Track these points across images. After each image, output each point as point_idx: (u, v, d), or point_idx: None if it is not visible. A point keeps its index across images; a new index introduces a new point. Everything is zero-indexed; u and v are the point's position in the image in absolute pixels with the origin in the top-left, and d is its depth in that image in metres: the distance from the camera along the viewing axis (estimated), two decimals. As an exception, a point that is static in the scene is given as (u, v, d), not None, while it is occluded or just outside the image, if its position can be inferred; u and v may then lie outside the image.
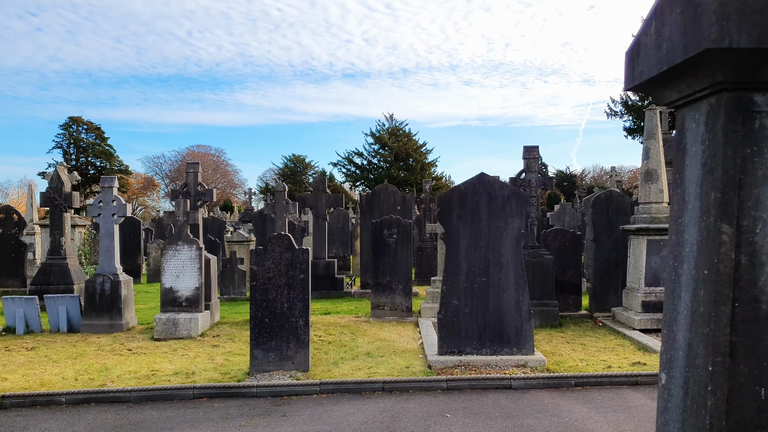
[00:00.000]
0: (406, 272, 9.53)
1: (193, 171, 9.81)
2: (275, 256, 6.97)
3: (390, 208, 12.02)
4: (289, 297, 6.95)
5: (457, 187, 6.85)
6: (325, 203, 12.25)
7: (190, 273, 9.22)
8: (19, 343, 8.66)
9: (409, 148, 47.12)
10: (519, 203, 6.76)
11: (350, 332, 8.75)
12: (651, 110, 8.80)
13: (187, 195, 9.80)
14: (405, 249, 9.48)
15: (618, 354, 7.27)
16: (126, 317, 9.64)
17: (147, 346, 8.41)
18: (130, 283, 9.92)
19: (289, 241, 6.96)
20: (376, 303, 9.66)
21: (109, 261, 9.68)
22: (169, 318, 8.97)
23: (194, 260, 9.22)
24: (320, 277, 12.36)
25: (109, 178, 9.77)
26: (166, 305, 9.25)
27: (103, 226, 9.73)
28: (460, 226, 6.76)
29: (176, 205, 9.25)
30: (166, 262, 9.23)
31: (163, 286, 9.25)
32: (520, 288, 6.75)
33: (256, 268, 7.00)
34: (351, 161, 49.12)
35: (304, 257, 6.94)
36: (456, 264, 6.75)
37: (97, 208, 9.70)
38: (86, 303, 9.56)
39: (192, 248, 9.21)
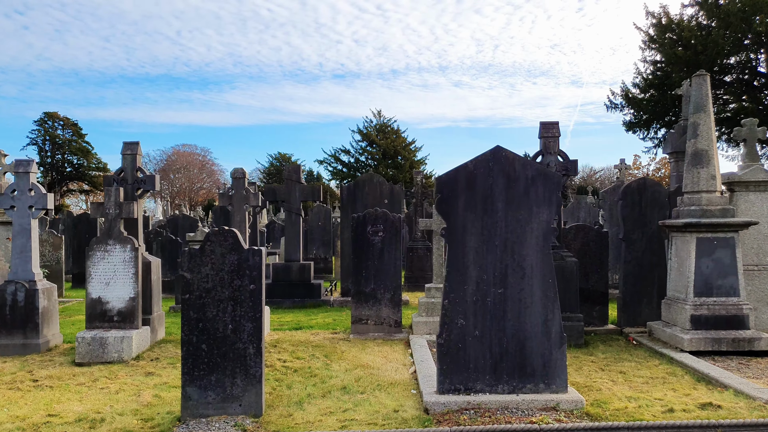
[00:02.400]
0: (395, 278, 7.72)
1: (131, 153, 7.91)
2: (215, 259, 5.12)
3: (376, 201, 10.22)
4: (234, 315, 5.11)
5: (463, 165, 5.04)
6: (300, 196, 10.40)
7: (124, 280, 7.34)
8: None
9: (397, 145, 45.33)
10: (548, 188, 4.97)
11: (324, 355, 6.90)
12: (700, 76, 7.05)
13: (123, 182, 7.91)
14: (393, 249, 7.66)
15: (675, 388, 5.49)
16: (45, 335, 7.73)
17: (62, 374, 6.53)
18: (53, 292, 8.00)
19: (235, 238, 5.11)
20: (358, 316, 7.83)
21: (24, 264, 7.76)
22: (95, 337, 7.08)
23: (129, 263, 7.33)
24: (293, 283, 10.51)
25: (25, 162, 7.85)
26: (92, 320, 7.36)
27: (18, 220, 7.80)
28: (468, 218, 4.96)
29: (106, 194, 7.36)
30: (93, 265, 7.33)
31: (89, 296, 7.35)
32: (549, 302, 4.96)
33: (189, 276, 5.14)
34: (338, 159, 47.25)
35: (256, 261, 5.10)
36: (462, 270, 4.94)
37: (9, 198, 7.78)
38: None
39: (126, 249, 7.33)
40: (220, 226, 5.22)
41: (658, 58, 25.19)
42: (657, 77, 25.20)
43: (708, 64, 22.03)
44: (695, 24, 23.40)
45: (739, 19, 21.15)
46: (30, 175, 7.80)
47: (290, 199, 10.31)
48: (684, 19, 23.85)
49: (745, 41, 22.50)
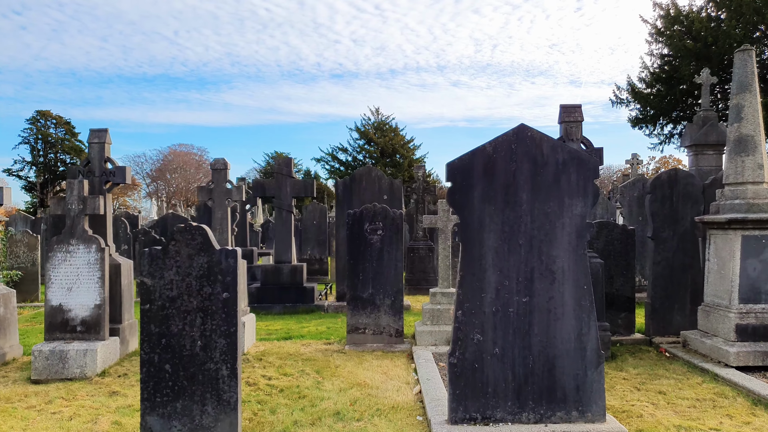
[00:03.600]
0: (395, 281, 6.84)
1: (99, 141, 7.02)
2: (181, 262, 4.25)
3: (375, 197, 9.34)
4: (204, 329, 4.23)
5: (480, 148, 4.16)
6: (291, 191, 9.52)
7: (88, 284, 6.46)
8: None
9: (396, 143, 44.45)
10: (582, 174, 4.11)
11: (315, 370, 6.02)
12: (745, 51, 6.19)
13: (90, 174, 7.03)
14: (394, 250, 6.79)
15: (730, 414, 4.63)
16: (1, 346, 6.85)
17: (12, 394, 5.65)
18: (11, 298, 7.12)
19: (204, 236, 4.24)
20: (354, 324, 6.95)
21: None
22: (54, 350, 6.20)
23: (94, 266, 6.45)
24: (284, 287, 9.61)
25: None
26: (52, 331, 6.48)
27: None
28: (486, 212, 4.09)
29: (68, 188, 6.48)
30: (53, 268, 6.45)
31: (48, 304, 6.47)
32: (583, 313, 4.09)
33: (149, 282, 4.27)
34: (335, 157, 46.35)
35: (230, 264, 4.23)
36: (479, 275, 4.07)
37: (-39, 193, 6.88)
38: (-56, 327, 6.76)
39: (90, 249, 6.44)
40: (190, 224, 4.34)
41: (666, 51, 24.32)
42: (664, 71, 24.33)
43: (718, 57, 21.20)
44: (705, 15, 22.55)
45: (752, 10, 20.31)
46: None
47: (280, 194, 9.42)
48: (693, 10, 23.00)
49: (756, 33, 21.67)
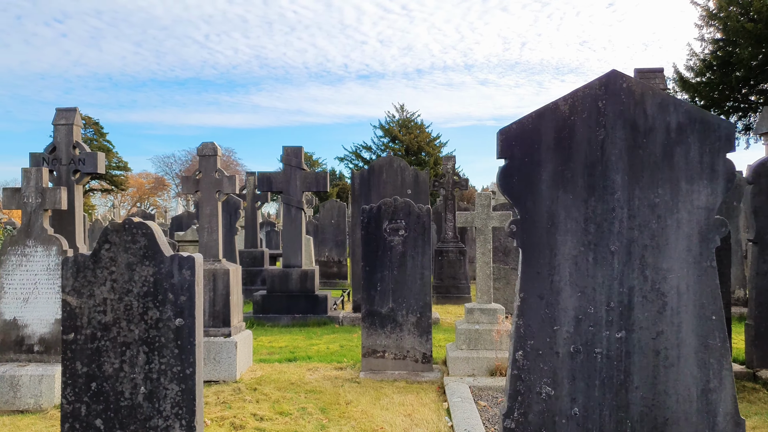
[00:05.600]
0: (421, 294, 5.50)
1: (66, 123, 5.83)
2: (118, 273, 3.00)
3: (397, 191, 7.99)
4: (149, 370, 2.98)
5: (551, 106, 2.81)
6: (301, 185, 8.25)
7: (48, 294, 5.29)
8: None
9: (421, 140, 42.90)
10: (708, 146, 2.74)
11: (320, 408, 4.72)
12: None
13: (56, 162, 5.85)
14: (419, 254, 5.45)
15: None
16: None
17: (-57, 432, 4.50)
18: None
19: (150, 238, 2.98)
20: (371, 346, 5.63)
21: (-75, 273, 5.76)
22: (4, 375, 5.04)
23: (55, 272, 5.28)
24: (292, 295, 8.34)
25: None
26: (4, 350, 5.32)
27: None
28: (560, 202, 2.73)
29: (24, 178, 5.31)
30: (6, 275, 5.29)
31: (1, 317, 5.31)
32: (712, 356, 2.73)
33: (73, 303, 3.03)
34: (359, 156, 45.02)
35: (185, 278, 2.97)
36: (549, 297, 2.72)
37: None
38: None
39: (50, 252, 5.27)
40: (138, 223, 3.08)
41: (719, 35, 22.40)
42: (717, 57, 22.40)
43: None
44: (766, -6, 20.59)
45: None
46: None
47: (288, 188, 8.15)
48: (752, -11, 21.04)
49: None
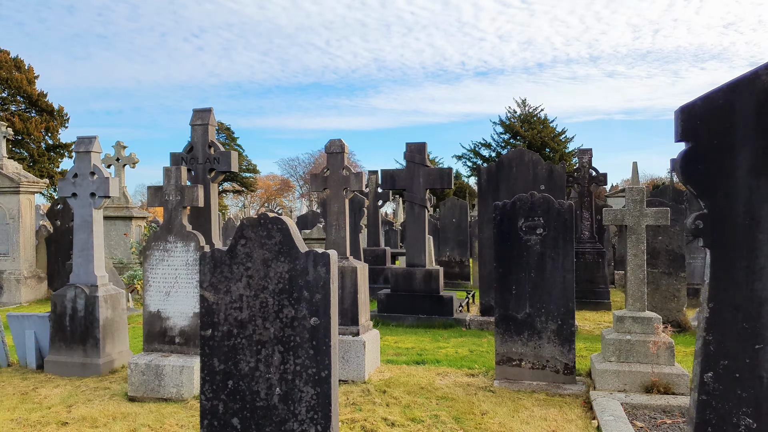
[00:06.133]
0: (563, 299, 5.03)
1: (202, 123, 6.07)
2: (254, 270, 2.92)
3: (528, 187, 7.48)
4: (284, 371, 2.88)
5: (748, 77, 2.32)
6: (425, 182, 8.03)
7: (187, 289, 5.50)
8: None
9: (545, 136, 41.19)
10: None
11: (454, 417, 4.45)
12: None
13: (193, 161, 6.10)
14: (560, 255, 4.99)
15: None
16: (109, 353, 6.18)
17: (101, 414, 4.81)
18: (120, 299, 6.44)
19: (285, 233, 2.87)
20: (506, 353, 5.26)
21: (85, 265, 6.27)
22: (150, 364, 5.30)
23: (193, 267, 5.48)
24: (416, 295, 8.14)
25: (86, 139, 6.35)
26: (150, 340, 5.61)
27: (78, 211, 6.33)
28: (762, 192, 2.23)
29: (165, 176, 5.57)
30: (150, 269, 5.58)
31: (146, 309, 5.61)
32: None
33: (211, 299, 3.00)
34: (477, 153, 44.19)
35: (320, 275, 2.82)
36: (750, 308, 2.23)
37: (69, 184, 6.33)
38: (53, 327, 6.23)
39: (189, 247, 5.48)
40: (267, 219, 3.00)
41: None
42: None
43: None
44: None
45: None
46: (91, 155, 6.28)
47: (412, 186, 7.98)
48: None
49: None
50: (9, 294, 11.09)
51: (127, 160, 12.79)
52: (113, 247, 12.50)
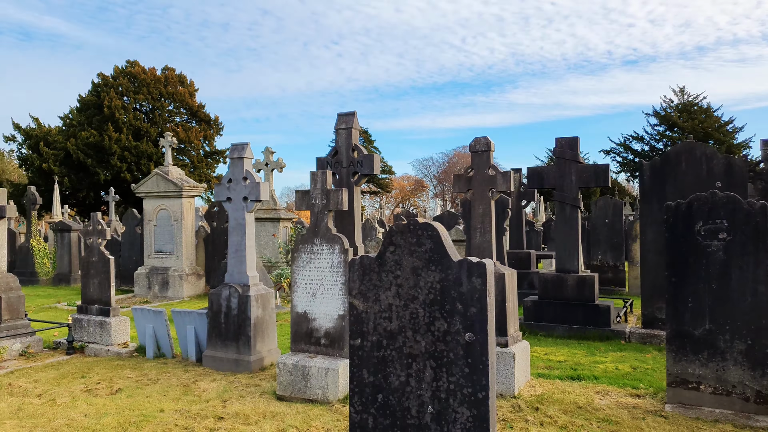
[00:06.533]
0: (753, 314, 4.26)
1: (346, 127, 6.07)
2: (403, 278, 2.73)
3: (700, 184, 6.55)
4: (437, 388, 2.66)
5: None
6: (577, 181, 7.40)
7: (332, 291, 5.51)
8: (122, 375, 6.06)
9: (707, 126, 37.12)
10: None
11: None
12: None
13: (338, 165, 6.13)
14: (750, 264, 4.24)
15: None
16: (259, 350, 6.42)
17: (252, 412, 4.97)
18: (269, 299, 6.68)
19: (436, 240, 2.64)
20: (680, 374, 4.60)
21: (238, 265, 6.58)
22: (297, 364, 5.39)
23: (337, 270, 5.48)
24: (568, 303, 7.53)
25: (239, 146, 6.66)
26: (297, 341, 5.71)
27: (232, 214, 6.66)
28: None
29: (312, 180, 5.63)
30: (298, 270, 5.68)
31: (294, 310, 5.72)
32: None
33: (361, 307, 2.85)
34: (628, 147, 41.02)
35: (475, 286, 2.56)
36: None
37: (224, 189, 6.68)
38: (210, 324, 6.62)
39: (334, 250, 5.49)
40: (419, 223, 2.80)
41: None
42: None
43: None
44: None
45: None
46: (244, 161, 6.57)
47: (562, 184, 7.38)
48: None
49: None
50: (173, 289, 12.16)
51: (275, 164, 13.46)
52: (262, 247, 13.22)
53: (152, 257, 12.63)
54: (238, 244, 6.61)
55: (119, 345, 7.31)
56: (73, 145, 32.02)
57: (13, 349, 6.97)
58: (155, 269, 12.46)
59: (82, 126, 33.23)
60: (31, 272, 15.15)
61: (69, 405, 5.19)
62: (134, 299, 12.11)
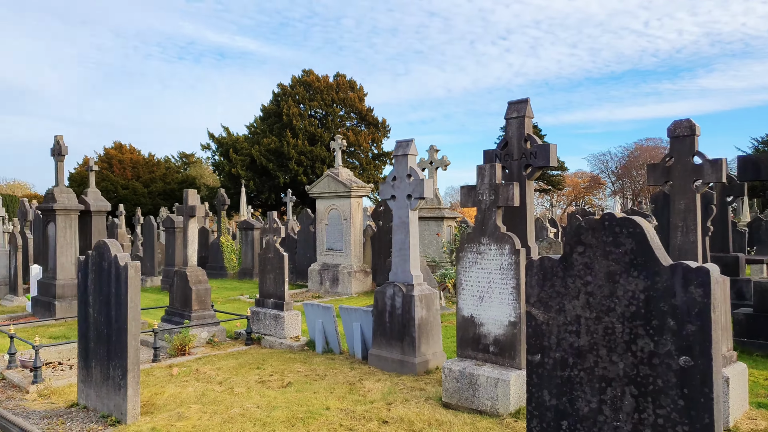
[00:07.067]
0: None
1: (518, 116, 5.59)
2: (594, 285, 2.26)
3: None
4: (638, 420, 2.15)
5: None
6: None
7: (501, 295, 5.09)
8: (293, 368, 6.26)
9: None
10: None
11: None
12: None
13: (507, 157, 5.67)
14: None
15: None
16: (423, 353, 6.21)
17: (418, 418, 4.76)
18: (434, 299, 6.44)
19: (639, 238, 2.13)
20: None
21: (402, 264, 6.44)
22: (464, 371, 5.06)
23: (507, 272, 5.04)
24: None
25: (404, 143, 6.52)
26: (463, 346, 5.38)
27: (396, 212, 6.54)
28: None
29: (478, 175, 5.26)
30: (463, 272, 5.34)
31: (459, 313, 5.40)
32: None
33: (540, 317, 2.43)
34: None
35: (692, 297, 2.00)
36: None
37: (389, 187, 6.59)
38: (375, 322, 6.57)
39: (504, 250, 5.06)
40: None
41: None
42: None
43: None
44: None
45: None
46: (408, 158, 6.41)
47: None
48: None
49: None
50: (342, 285, 12.54)
51: (440, 162, 13.27)
52: (426, 246, 13.11)
53: (324, 254, 13.18)
54: (402, 243, 6.46)
55: (291, 338, 7.59)
56: (257, 151, 35.14)
57: (201, 337, 7.56)
58: (326, 266, 12.98)
59: (264, 133, 36.34)
60: (221, 266, 16.73)
61: (244, 395, 5.41)
62: (307, 294, 12.72)
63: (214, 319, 7.96)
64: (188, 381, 5.89)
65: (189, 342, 7.13)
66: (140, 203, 36.17)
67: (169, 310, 8.21)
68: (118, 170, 40.06)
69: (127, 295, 4.68)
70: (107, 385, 4.90)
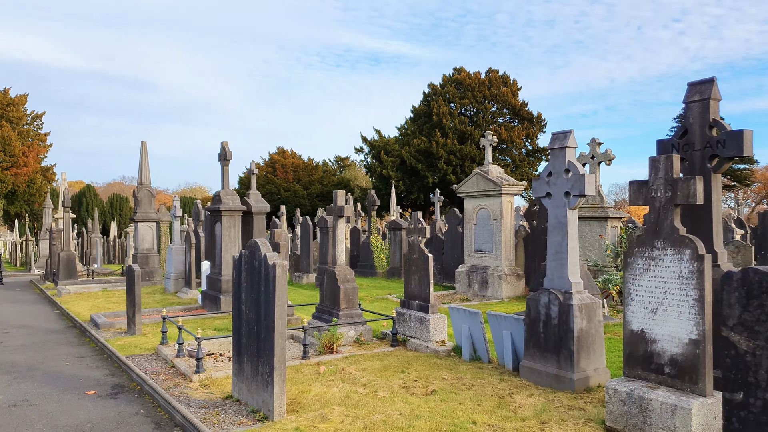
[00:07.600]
0: None
1: (699, 99, 4.74)
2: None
3: None
4: None
5: None
6: None
7: (679, 308, 4.34)
8: (438, 375, 6.00)
9: None
10: None
11: None
12: None
13: (687, 147, 4.84)
14: None
15: None
16: (583, 368, 5.59)
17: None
18: (595, 309, 5.76)
19: None
20: None
21: (559, 269, 5.85)
22: (632, 394, 4.41)
23: (687, 282, 4.29)
24: None
25: (561, 134, 5.93)
26: (632, 365, 4.69)
27: (552, 212, 5.97)
28: None
29: (652, 167, 4.54)
30: (633, 279, 4.66)
31: (627, 327, 4.72)
32: None
33: (742, 344, 1.86)
34: None
35: None
36: None
37: (543, 184, 6.04)
38: (527, 332, 6.06)
39: (683, 256, 4.31)
40: None
41: None
42: None
43: None
44: None
45: None
46: (566, 151, 5.81)
47: None
48: None
49: None
50: (492, 288, 12.01)
51: (603, 157, 12.18)
52: (587, 249, 12.11)
53: (472, 255, 12.75)
54: (559, 245, 5.87)
55: (437, 342, 7.32)
56: (406, 152, 35.60)
57: (349, 336, 7.58)
58: (475, 267, 12.54)
59: (414, 134, 36.70)
60: (371, 265, 17.02)
61: (387, 400, 5.22)
62: (455, 296, 12.38)
63: (360, 318, 7.95)
64: (333, 381, 5.87)
65: (336, 340, 7.17)
66: (300, 204, 38.53)
67: (319, 307, 8.38)
68: (280, 174, 43.08)
69: (275, 294, 4.72)
70: (256, 380, 5.00)
